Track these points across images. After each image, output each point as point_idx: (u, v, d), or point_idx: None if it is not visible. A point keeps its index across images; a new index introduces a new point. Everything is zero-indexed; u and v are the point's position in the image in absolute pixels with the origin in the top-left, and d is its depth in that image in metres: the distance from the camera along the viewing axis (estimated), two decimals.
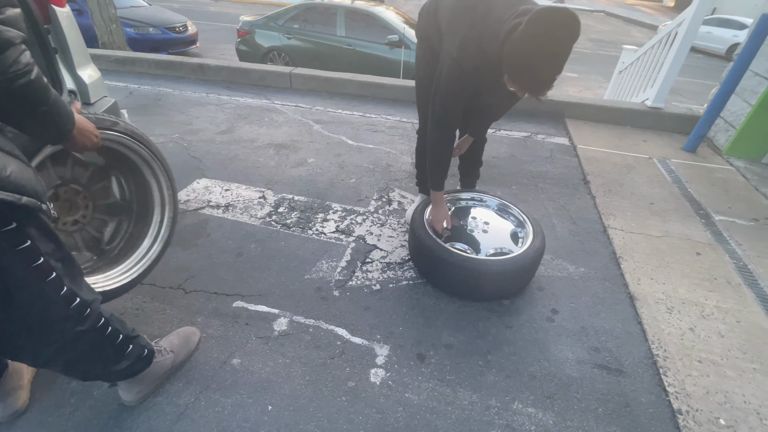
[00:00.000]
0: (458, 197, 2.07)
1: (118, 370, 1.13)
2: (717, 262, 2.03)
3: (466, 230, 1.89)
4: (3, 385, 1.19)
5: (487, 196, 2.06)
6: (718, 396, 1.41)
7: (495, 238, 1.85)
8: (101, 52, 4.58)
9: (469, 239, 1.83)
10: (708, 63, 9.30)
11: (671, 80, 3.44)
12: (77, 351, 1.00)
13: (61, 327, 0.93)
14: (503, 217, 1.97)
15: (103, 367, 1.10)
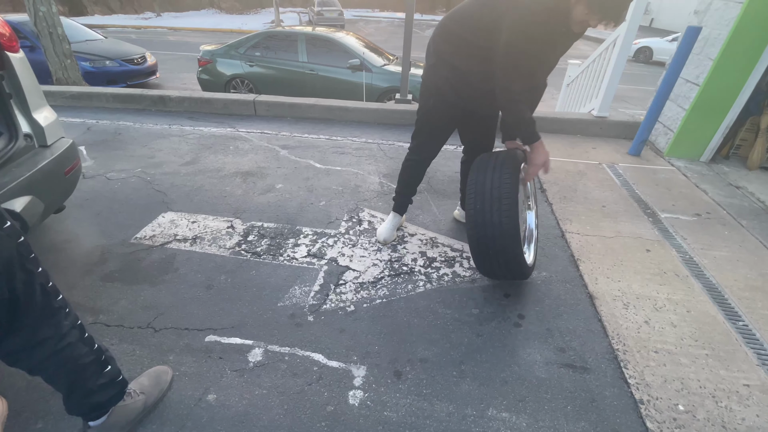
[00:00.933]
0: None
1: (97, 391, 1.17)
2: (665, 257, 2.19)
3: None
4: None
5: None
6: (675, 383, 1.51)
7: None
8: (56, 89, 4.46)
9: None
10: (649, 71, 10.05)
11: (613, 90, 3.72)
12: (64, 352, 1.07)
13: (52, 320, 1.04)
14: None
15: (84, 381, 1.14)
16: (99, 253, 2.08)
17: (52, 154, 1.81)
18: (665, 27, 18.48)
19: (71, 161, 1.92)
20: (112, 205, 2.51)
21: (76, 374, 1.12)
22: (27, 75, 1.80)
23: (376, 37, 14.64)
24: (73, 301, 1.78)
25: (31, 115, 1.81)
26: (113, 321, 1.69)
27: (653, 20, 20.00)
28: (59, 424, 1.31)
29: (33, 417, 1.32)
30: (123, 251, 2.10)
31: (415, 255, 2.16)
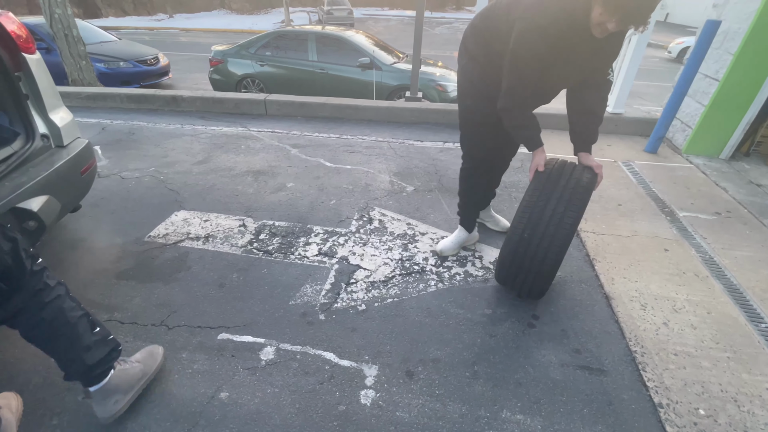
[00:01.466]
0: None
1: (93, 347, 1.21)
2: (684, 256, 2.14)
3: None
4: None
5: None
6: (696, 387, 1.47)
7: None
8: (72, 89, 4.54)
9: None
10: (665, 66, 9.83)
11: (629, 86, 3.65)
12: (56, 303, 1.15)
13: (41, 276, 1.14)
14: None
15: (78, 336, 1.18)
16: (113, 252, 2.11)
17: (68, 154, 1.84)
18: (681, 22, 18.06)
19: (87, 161, 1.94)
20: (126, 203, 2.54)
21: (69, 328, 1.17)
22: (43, 76, 1.82)
23: (386, 35, 14.61)
24: (88, 298, 1.81)
25: (48, 115, 1.84)
26: (127, 318, 1.70)
27: (668, 15, 19.55)
28: (75, 420, 1.33)
29: (48, 413, 1.34)
30: (137, 249, 2.13)
31: (426, 254, 2.14)
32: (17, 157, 1.65)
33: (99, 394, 1.24)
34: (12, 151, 1.67)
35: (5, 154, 1.65)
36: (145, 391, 1.41)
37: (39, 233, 1.61)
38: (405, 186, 2.82)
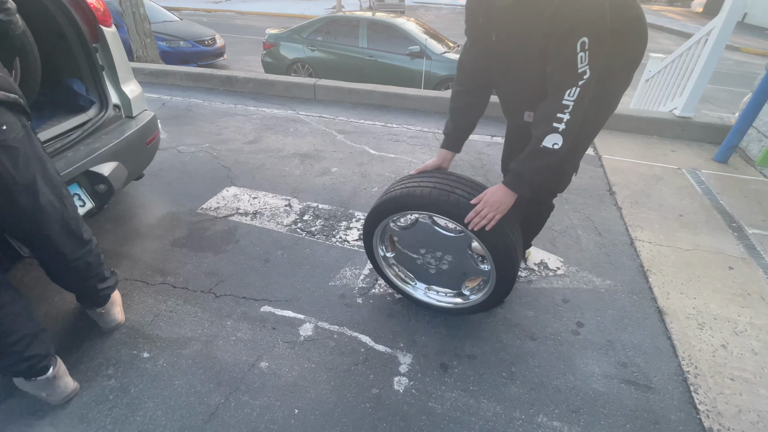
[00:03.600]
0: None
1: (110, 276, 1.51)
2: (750, 277, 1.97)
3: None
4: (56, 370, 1.29)
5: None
6: (751, 415, 1.36)
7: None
8: (136, 65, 4.82)
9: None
10: (739, 69, 8.99)
11: (701, 89, 3.36)
12: (93, 249, 1.41)
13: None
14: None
15: (99, 280, 1.46)
16: (169, 220, 2.24)
17: (137, 124, 1.95)
18: (760, 23, 16.40)
19: (152, 132, 2.06)
20: (182, 176, 2.68)
21: (100, 267, 1.45)
22: (118, 49, 1.94)
23: (437, 24, 14.33)
24: (145, 261, 1.94)
25: (120, 87, 1.96)
26: (179, 283, 1.81)
27: (746, 15, 17.81)
28: (128, 371, 1.43)
29: (105, 363, 1.45)
30: (190, 220, 2.24)
31: None
32: (92, 124, 1.77)
33: (107, 308, 1.53)
34: (87, 118, 1.80)
35: (81, 121, 1.78)
36: (191, 353, 1.49)
37: (108, 196, 1.72)
38: None
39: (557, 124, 1.12)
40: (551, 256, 2.06)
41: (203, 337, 1.56)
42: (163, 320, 1.63)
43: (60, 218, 1.24)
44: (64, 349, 1.49)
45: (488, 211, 1.27)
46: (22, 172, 1.11)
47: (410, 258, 1.62)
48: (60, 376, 1.29)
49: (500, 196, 1.26)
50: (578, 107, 1.11)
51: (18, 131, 1.11)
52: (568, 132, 1.13)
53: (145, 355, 1.49)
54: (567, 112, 1.11)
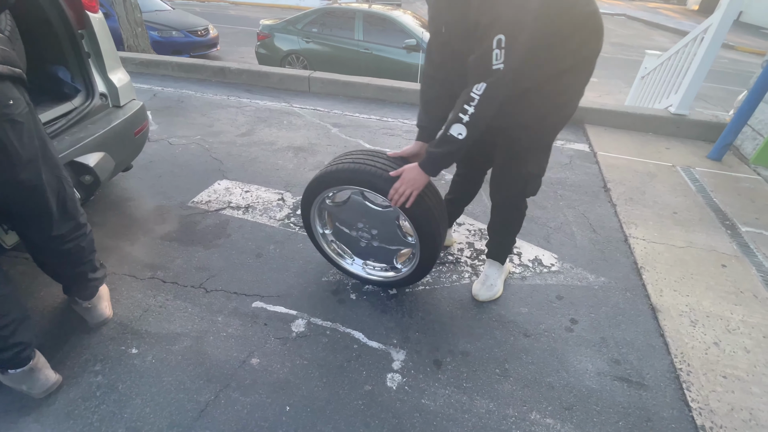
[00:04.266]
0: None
1: (99, 268, 1.50)
2: (743, 274, 1.97)
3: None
4: (35, 363, 1.26)
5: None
6: (743, 413, 1.37)
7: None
8: (127, 55, 4.72)
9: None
10: (734, 68, 9.03)
11: (697, 86, 3.36)
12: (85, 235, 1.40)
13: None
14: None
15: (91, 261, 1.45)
16: (159, 213, 2.19)
17: (124, 114, 1.90)
18: (755, 22, 16.50)
19: (141, 122, 2.01)
20: (172, 168, 2.62)
21: (92, 254, 1.44)
22: (105, 36, 1.88)
23: None
24: (134, 255, 1.90)
25: (107, 75, 1.91)
26: (169, 278, 1.77)
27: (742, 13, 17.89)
28: (116, 367, 1.40)
29: (92, 359, 1.42)
30: (181, 213, 2.20)
31: (462, 245, 2.09)
32: (77, 113, 1.72)
33: (94, 303, 1.50)
34: (73, 107, 1.75)
35: (66, 109, 1.72)
36: (180, 349, 1.47)
37: (94, 187, 1.68)
38: (444, 174, 2.75)
39: (462, 115, 1.15)
40: (545, 253, 2.05)
41: (193, 332, 1.53)
42: (152, 315, 1.59)
43: (58, 197, 1.24)
44: (51, 344, 1.45)
45: (405, 188, 1.33)
46: (27, 147, 1.10)
47: (346, 234, 1.69)
48: (40, 368, 1.27)
49: (414, 175, 1.33)
50: (484, 103, 1.12)
51: (23, 107, 1.09)
52: (472, 125, 1.16)
53: (134, 351, 1.46)
54: (472, 105, 1.13)
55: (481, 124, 1.18)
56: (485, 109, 1.14)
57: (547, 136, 1.42)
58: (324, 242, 1.76)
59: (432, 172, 1.33)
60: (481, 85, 1.11)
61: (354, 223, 1.64)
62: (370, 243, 1.67)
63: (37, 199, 1.18)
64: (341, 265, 1.79)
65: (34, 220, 1.23)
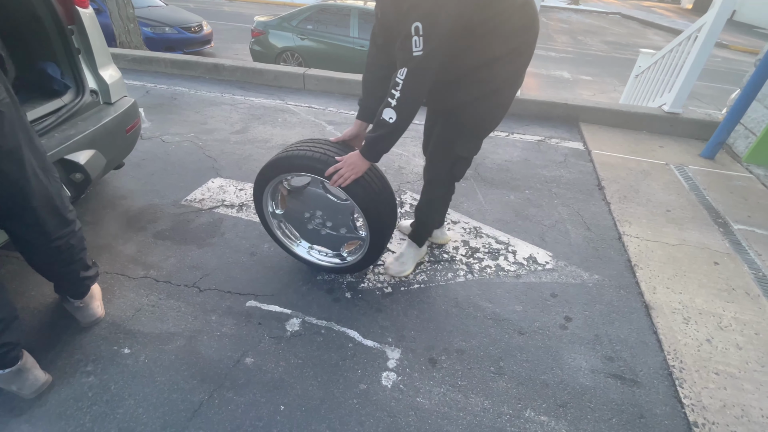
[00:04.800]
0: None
1: (91, 267, 1.48)
2: (736, 272, 1.99)
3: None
4: (24, 363, 1.24)
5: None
6: (736, 409, 1.38)
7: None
8: (119, 51, 4.66)
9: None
10: (727, 66, 9.11)
11: (690, 85, 3.38)
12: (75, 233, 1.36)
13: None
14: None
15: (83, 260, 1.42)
16: (152, 212, 2.17)
17: (115, 111, 1.88)
18: (748, 21, 16.64)
19: (132, 120, 1.98)
20: (165, 166, 2.60)
21: (77, 261, 1.39)
22: (95, 32, 1.85)
23: None
24: (126, 254, 1.88)
25: (98, 71, 1.88)
26: (162, 277, 1.76)
27: (735, 12, 18.02)
28: (108, 368, 1.38)
29: (84, 359, 1.41)
30: (174, 212, 2.18)
31: (456, 243, 2.09)
32: (67, 110, 1.69)
33: (85, 302, 1.48)
34: (62, 104, 1.72)
35: (56, 106, 1.70)
36: (173, 349, 1.45)
37: (84, 186, 1.66)
38: None
39: (391, 99, 1.21)
40: (540, 251, 2.06)
41: (186, 332, 1.52)
42: (145, 315, 1.58)
43: (45, 192, 1.21)
44: (42, 344, 1.43)
45: (345, 171, 1.39)
46: (8, 137, 1.07)
47: (299, 218, 1.72)
48: (29, 368, 1.25)
49: (355, 160, 1.40)
50: (408, 87, 1.18)
51: (3, 96, 1.06)
52: (399, 108, 1.22)
53: (126, 350, 1.44)
54: (398, 89, 1.19)
55: (409, 108, 1.23)
56: (409, 93, 1.19)
57: (478, 122, 1.46)
58: (274, 223, 1.78)
59: (371, 156, 1.38)
60: (403, 70, 1.17)
61: (309, 209, 1.68)
62: (322, 230, 1.71)
63: (20, 192, 1.15)
64: (288, 246, 1.81)
65: (17, 214, 1.19)
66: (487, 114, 1.44)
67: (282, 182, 1.65)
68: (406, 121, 1.26)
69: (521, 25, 1.25)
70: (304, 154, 1.46)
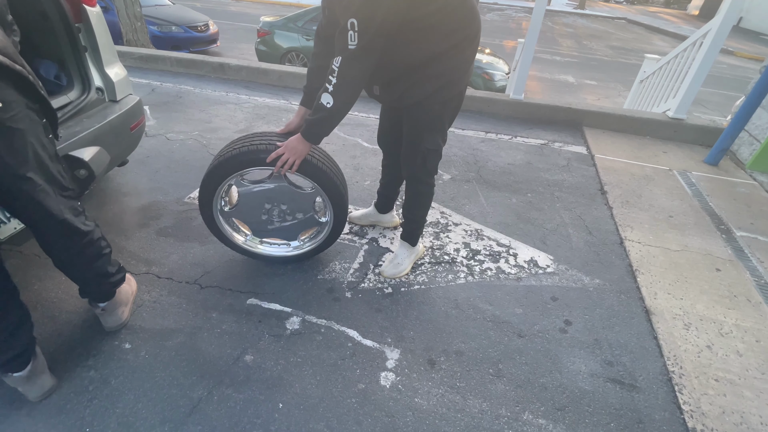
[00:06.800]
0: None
1: (115, 273, 1.40)
2: (737, 279, 1.99)
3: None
4: (35, 366, 1.23)
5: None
6: (735, 416, 1.38)
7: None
8: (126, 49, 4.69)
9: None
10: (732, 73, 9.08)
11: (695, 91, 3.38)
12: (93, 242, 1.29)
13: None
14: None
15: (103, 265, 1.35)
16: (155, 209, 2.18)
17: (120, 109, 1.89)
18: (755, 28, 16.58)
19: (137, 117, 2.00)
20: (169, 164, 2.61)
21: (99, 263, 1.34)
22: (102, 30, 1.87)
23: None
24: (129, 250, 1.89)
25: (104, 69, 1.89)
26: (164, 273, 1.77)
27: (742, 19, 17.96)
28: (109, 362, 1.39)
29: (85, 354, 1.42)
30: (177, 209, 2.19)
31: (458, 245, 2.09)
32: (73, 107, 1.71)
33: (109, 306, 1.43)
34: (68, 101, 1.74)
35: (62, 103, 1.71)
36: (174, 345, 1.46)
37: (88, 182, 1.67)
38: (441, 174, 2.76)
39: (328, 85, 1.28)
40: (541, 254, 2.06)
41: (187, 328, 1.53)
42: (146, 311, 1.59)
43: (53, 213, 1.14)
44: (43, 338, 1.44)
45: (287, 156, 1.44)
46: (18, 155, 1.01)
47: (252, 213, 1.71)
48: (38, 374, 1.24)
49: (296, 144, 1.44)
50: (341, 75, 1.25)
51: (19, 111, 1.00)
52: (335, 93, 1.28)
53: (127, 346, 1.45)
54: (334, 76, 1.26)
55: (345, 94, 1.30)
56: (344, 80, 1.26)
57: (437, 116, 1.51)
58: (222, 219, 1.74)
59: (311, 138, 1.42)
60: (338, 58, 1.25)
61: (266, 203, 1.69)
62: (280, 222, 1.73)
63: (27, 209, 1.11)
64: (235, 242, 1.79)
65: (28, 225, 1.18)
66: (444, 107, 1.50)
67: (233, 182, 1.63)
68: (343, 107, 1.33)
69: (462, 19, 1.32)
70: (248, 150, 1.49)
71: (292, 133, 1.57)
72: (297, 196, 1.66)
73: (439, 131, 1.56)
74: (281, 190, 1.64)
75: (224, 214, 1.73)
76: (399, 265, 1.86)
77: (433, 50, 1.34)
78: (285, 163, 1.45)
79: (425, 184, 1.70)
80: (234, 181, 1.62)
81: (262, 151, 1.49)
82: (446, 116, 1.54)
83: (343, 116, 1.38)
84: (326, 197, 1.62)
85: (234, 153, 1.51)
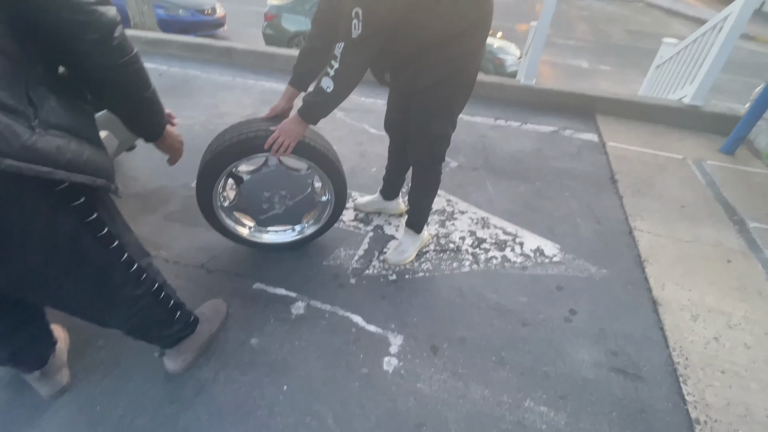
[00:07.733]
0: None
1: (170, 334, 1.26)
2: (749, 271, 1.95)
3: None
4: (51, 364, 1.24)
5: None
6: (739, 408, 1.37)
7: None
8: (133, 33, 4.67)
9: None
10: (752, 59, 8.76)
11: (713, 77, 3.27)
12: (137, 313, 1.11)
13: (123, 290, 1.04)
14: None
15: (158, 330, 1.22)
16: (163, 193, 2.20)
17: None
18: None
19: None
20: None
21: (149, 326, 1.20)
22: None
23: None
24: (137, 234, 1.89)
25: None
26: (172, 257, 1.79)
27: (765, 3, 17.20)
28: (119, 343, 1.42)
29: (95, 335, 1.44)
30: (184, 194, 2.21)
31: (463, 233, 2.08)
32: None
33: (173, 353, 1.31)
34: None
35: None
36: None
37: None
38: (449, 161, 2.73)
39: (329, 70, 1.27)
40: (548, 243, 2.04)
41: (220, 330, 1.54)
42: None
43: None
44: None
45: (283, 138, 1.43)
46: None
47: (254, 203, 1.69)
48: (53, 373, 1.24)
49: (290, 126, 1.43)
50: (343, 61, 1.24)
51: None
52: (336, 78, 1.27)
53: None
54: (336, 61, 1.25)
55: (345, 80, 1.28)
56: (346, 66, 1.25)
57: (446, 103, 1.50)
58: (224, 214, 1.71)
59: (309, 119, 1.40)
60: (340, 44, 1.23)
61: (266, 190, 1.67)
62: (282, 208, 1.72)
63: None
64: (240, 235, 1.77)
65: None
66: (453, 94, 1.48)
67: (231, 173, 1.61)
68: (343, 92, 1.32)
69: (474, 1, 1.29)
70: (239, 139, 1.47)
71: (279, 116, 1.57)
72: (295, 178, 1.66)
73: (448, 117, 1.53)
74: (278, 175, 1.63)
75: (225, 209, 1.71)
76: (404, 252, 1.86)
77: (443, 33, 1.31)
78: (281, 147, 1.44)
79: (432, 171, 1.69)
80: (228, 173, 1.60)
81: (252, 139, 1.47)
82: (456, 102, 1.51)
83: (343, 100, 1.37)
84: (324, 174, 1.61)
85: (224, 146, 1.50)
